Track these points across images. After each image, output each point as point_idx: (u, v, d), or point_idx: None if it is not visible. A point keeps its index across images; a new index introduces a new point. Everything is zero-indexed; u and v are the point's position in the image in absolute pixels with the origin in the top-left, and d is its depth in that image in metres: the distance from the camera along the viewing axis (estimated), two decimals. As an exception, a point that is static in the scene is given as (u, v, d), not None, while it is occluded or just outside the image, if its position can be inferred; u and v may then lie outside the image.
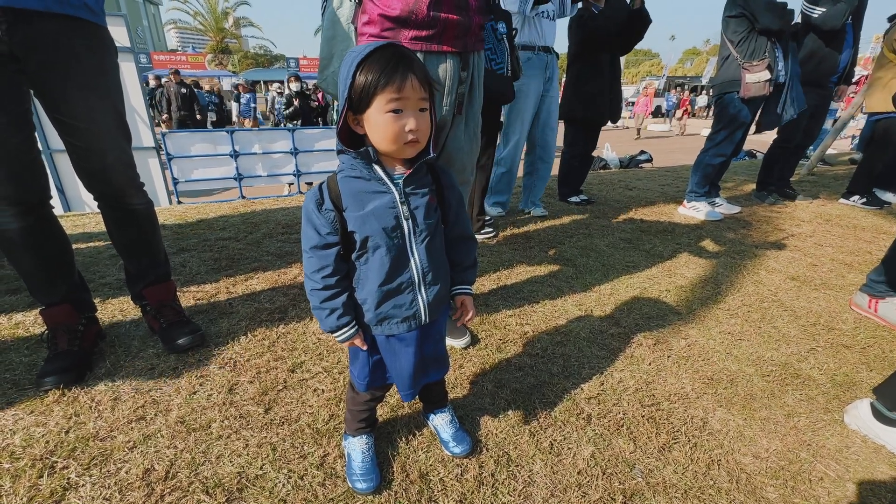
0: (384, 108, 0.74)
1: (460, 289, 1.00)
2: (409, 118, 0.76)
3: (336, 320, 0.88)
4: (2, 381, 1.31)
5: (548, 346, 1.58)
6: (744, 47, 2.80)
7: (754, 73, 2.76)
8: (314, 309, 0.89)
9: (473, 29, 1.26)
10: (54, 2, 1.11)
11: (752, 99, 2.84)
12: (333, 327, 0.88)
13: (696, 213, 3.17)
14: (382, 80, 0.73)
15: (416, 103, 0.76)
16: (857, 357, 1.58)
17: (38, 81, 1.18)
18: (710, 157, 3.12)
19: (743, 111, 2.91)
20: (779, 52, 2.80)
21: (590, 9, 2.91)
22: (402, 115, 0.75)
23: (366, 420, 1.07)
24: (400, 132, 0.76)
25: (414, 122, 0.76)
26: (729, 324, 1.77)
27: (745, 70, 2.78)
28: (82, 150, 1.27)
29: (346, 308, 0.88)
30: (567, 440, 1.17)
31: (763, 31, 2.75)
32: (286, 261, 2.24)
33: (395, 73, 0.73)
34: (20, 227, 1.24)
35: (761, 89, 2.77)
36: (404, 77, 0.73)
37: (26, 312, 1.69)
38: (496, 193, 3.09)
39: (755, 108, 2.93)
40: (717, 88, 3.01)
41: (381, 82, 0.73)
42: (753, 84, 2.78)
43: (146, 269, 1.51)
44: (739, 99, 2.86)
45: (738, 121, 2.95)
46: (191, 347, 1.46)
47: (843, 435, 1.23)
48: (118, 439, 1.12)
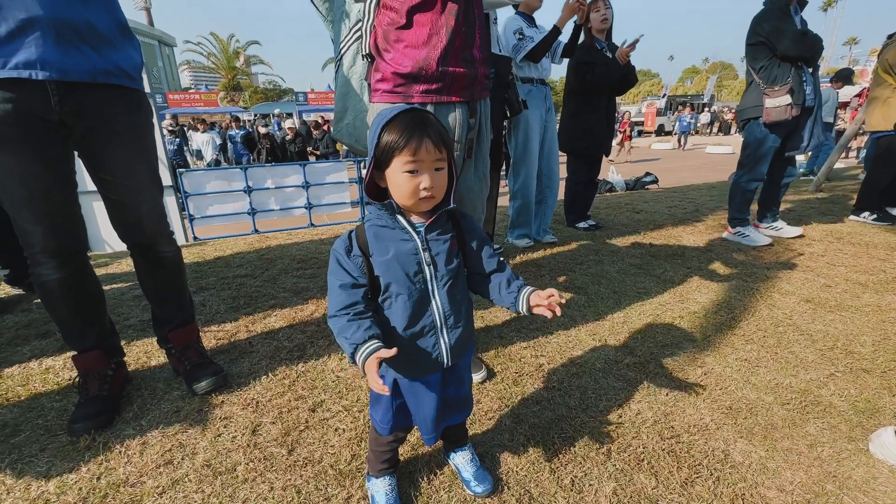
0: (402, 167, 0.82)
1: (525, 291, 0.93)
2: (423, 177, 0.82)
3: (363, 332, 0.82)
4: (35, 426, 1.36)
5: (564, 378, 1.59)
6: (765, 74, 2.82)
7: (774, 98, 2.78)
8: (339, 333, 0.85)
9: (479, 79, 1.34)
10: (100, 73, 1.22)
11: (777, 123, 2.82)
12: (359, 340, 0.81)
13: (743, 238, 3.10)
14: (401, 142, 0.80)
15: (430, 164, 0.83)
16: (877, 382, 1.57)
17: (83, 144, 1.28)
18: (745, 183, 3.09)
19: (769, 137, 2.90)
20: (806, 76, 2.80)
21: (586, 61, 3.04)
22: (418, 174, 0.82)
23: (388, 460, 1.09)
24: (415, 190, 0.83)
25: (428, 181, 0.82)
26: (745, 350, 1.77)
27: (766, 95, 2.81)
28: (119, 205, 1.36)
29: (373, 325, 0.85)
30: (588, 476, 1.17)
31: (785, 58, 2.77)
32: (302, 297, 2.30)
33: (412, 137, 0.80)
34: (59, 278, 1.31)
35: (782, 113, 2.77)
36: (420, 141, 0.80)
37: (56, 357, 1.75)
38: (519, 227, 3.16)
39: (783, 132, 2.90)
40: (742, 114, 3.03)
41: (400, 145, 0.80)
42: (774, 109, 2.78)
43: (173, 313, 1.57)
44: (763, 124, 2.87)
45: (764, 146, 2.94)
46: (214, 389, 1.50)
47: (869, 465, 1.22)
48: (147, 484, 1.14)
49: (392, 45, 1.22)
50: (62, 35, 1.14)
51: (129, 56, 1.30)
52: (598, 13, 3.08)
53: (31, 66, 1.12)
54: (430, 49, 1.21)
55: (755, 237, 3.07)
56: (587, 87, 3.12)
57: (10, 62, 1.10)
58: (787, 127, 2.88)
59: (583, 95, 3.21)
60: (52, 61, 1.14)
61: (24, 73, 1.11)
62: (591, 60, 3.05)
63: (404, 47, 1.21)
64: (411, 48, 1.20)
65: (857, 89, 11.26)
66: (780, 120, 2.79)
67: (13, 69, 1.10)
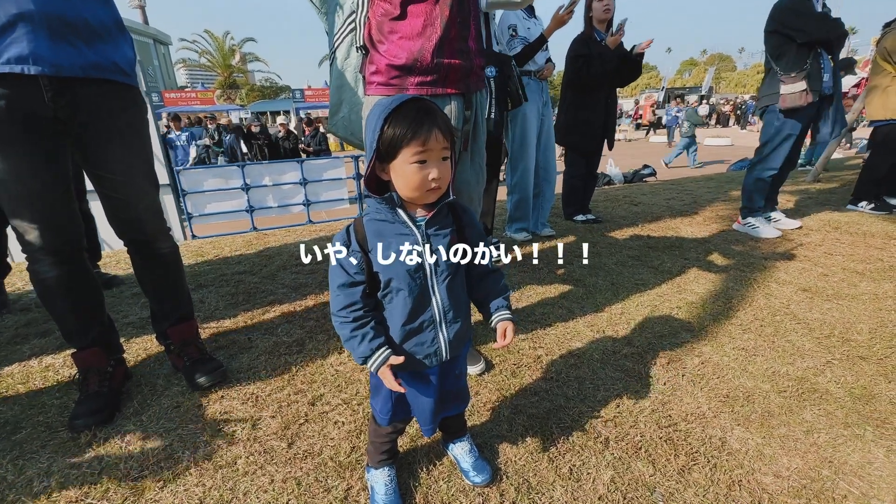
0: (410, 159, 0.80)
1: (502, 315, 0.99)
2: (432, 168, 0.81)
3: (368, 344, 0.88)
4: (36, 423, 1.37)
5: (562, 369, 1.59)
6: (782, 61, 2.80)
7: (790, 85, 2.76)
8: (346, 341, 0.90)
9: (475, 70, 1.33)
10: (93, 68, 1.21)
11: (796, 110, 2.79)
12: (367, 352, 0.88)
13: (752, 230, 3.07)
14: (409, 133, 0.78)
15: (439, 153, 0.82)
16: (874, 369, 1.58)
17: (79, 141, 1.28)
18: (760, 172, 3.06)
19: (787, 123, 2.86)
20: (825, 62, 2.77)
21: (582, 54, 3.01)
22: (427, 165, 0.81)
23: (388, 451, 1.09)
24: (424, 181, 0.81)
25: (437, 172, 0.82)
26: (742, 339, 1.78)
27: (782, 82, 2.79)
28: (117, 201, 1.36)
29: (376, 332, 0.89)
30: (586, 465, 1.18)
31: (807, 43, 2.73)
32: (301, 293, 2.30)
33: (421, 127, 0.78)
34: (57, 275, 1.31)
35: (797, 100, 2.74)
36: (430, 131, 0.79)
37: (55, 355, 1.75)
38: (517, 221, 3.17)
39: (804, 119, 2.86)
40: (760, 102, 3.01)
41: (409, 136, 0.78)
42: (789, 95, 2.76)
43: (171, 309, 1.58)
44: (780, 111, 2.84)
45: (782, 133, 2.91)
46: (214, 384, 1.51)
47: (864, 451, 1.23)
48: (148, 479, 1.15)
49: (386, 36, 1.22)
50: (55, 30, 1.14)
51: (122, 51, 1.30)
52: (601, 2, 3.02)
53: (24, 61, 1.11)
54: (425, 40, 1.20)
55: (764, 230, 3.03)
56: (584, 80, 3.10)
57: (2, 57, 1.10)
58: (806, 115, 2.83)
59: (580, 88, 3.19)
60: (45, 56, 1.13)
61: (16, 68, 1.11)
62: (587, 53, 3.03)
63: (399, 38, 1.20)
64: (406, 39, 1.20)
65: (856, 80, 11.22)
66: (795, 106, 2.75)
67: (5, 63, 1.10)
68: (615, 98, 3.34)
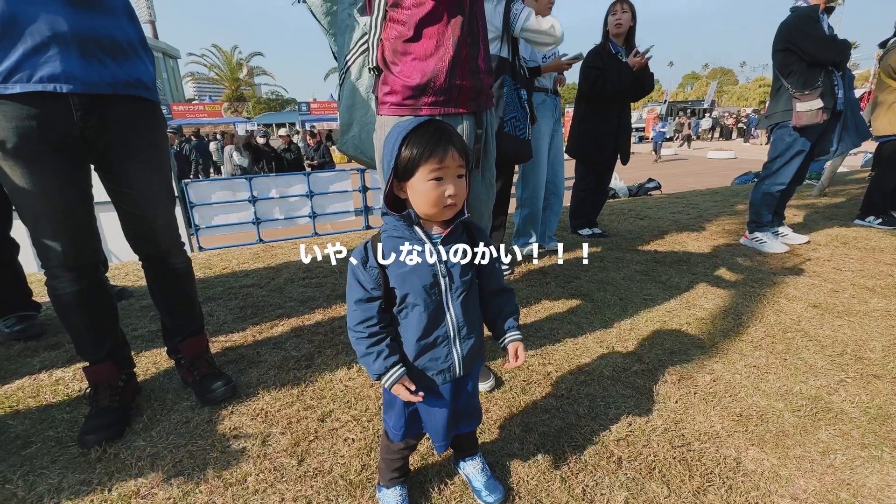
0: (427, 176, 0.83)
1: (512, 336, 1.00)
2: (448, 185, 0.84)
3: (383, 361, 0.90)
4: (46, 438, 1.36)
5: (572, 386, 1.58)
6: (794, 79, 2.80)
7: (805, 102, 2.75)
8: (361, 357, 0.92)
9: (485, 90, 1.36)
10: (122, 85, 1.25)
11: (807, 127, 2.80)
12: (382, 370, 0.90)
13: (759, 244, 3.06)
14: (427, 152, 0.82)
15: (455, 171, 0.85)
16: (889, 387, 1.56)
17: (103, 158, 1.31)
18: (768, 187, 3.05)
19: (798, 140, 2.87)
20: (837, 79, 2.79)
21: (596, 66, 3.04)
22: (443, 182, 0.84)
23: (399, 469, 1.09)
24: (440, 197, 0.84)
25: (453, 189, 0.84)
26: (753, 356, 1.76)
27: (797, 99, 2.79)
28: (135, 216, 1.38)
29: (391, 349, 0.91)
30: (599, 485, 1.16)
31: (816, 63, 2.75)
32: (309, 306, 2.30)
33: (438, 146, 0.82)
34: (75, 291, 1.33)
35: (814, 117, 2.74)
36: (446, 149, 0.82)
37: (65, 368, 1.76)
38: (523, 235, 3.17)
39: (813, 136, 2.87)
40: (770, 119, 3.01)
41: (426, 154, 0.82)
42: (805, 113, 2.76)
43: (183, 323, 1.58)
44: (793, 128, 2.84)
45: (792, 150, 2.91)
46: (223, 399, 1.50)
47: (883, 472, 1.21)
48: (159, 496, 1.15)
49: (400, 57, 1.24)
50: (85, 49, 1.17)
51: (145, 67, 1.33)
52: (613, 16, 3.06)
53: (56, 80, 1.14)
54: (438, 60, 1.22)
55: (772, 245, 3.01)
56: (597, 93, 3.11)
57: (35, 76, 1.12)
58: (816, 131, 2.84)
59: (593, 101, 3.20)
60: (76, 74, 1.16)
61: (48, 87, 1.14)
62: (600, 66, 3.04)
63: (412, 60, 1.23)
64: (419, 60, 1.22)
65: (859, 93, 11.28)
66: (810, 124, 2.76)
67: (38, 83, 1.13)
68: (629, 112, 3.32)
